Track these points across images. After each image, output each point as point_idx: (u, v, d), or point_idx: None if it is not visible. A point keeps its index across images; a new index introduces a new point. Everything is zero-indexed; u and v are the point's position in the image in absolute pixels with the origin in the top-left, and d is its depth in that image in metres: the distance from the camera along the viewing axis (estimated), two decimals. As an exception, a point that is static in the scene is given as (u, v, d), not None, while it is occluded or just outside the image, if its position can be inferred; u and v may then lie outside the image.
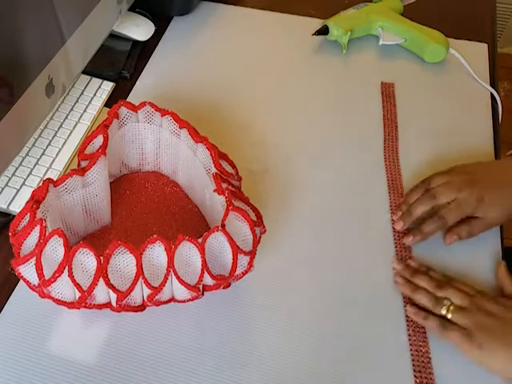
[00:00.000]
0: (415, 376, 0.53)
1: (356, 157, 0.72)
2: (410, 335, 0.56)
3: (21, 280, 0.51)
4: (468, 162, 0.66)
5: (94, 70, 0.77)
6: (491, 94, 0.81)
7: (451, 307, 0.55)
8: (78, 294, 0.49)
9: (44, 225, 0.49)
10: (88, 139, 0.58)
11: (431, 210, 0.62)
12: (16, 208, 0.62)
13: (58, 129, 0.71)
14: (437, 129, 0.76)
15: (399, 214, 0.64)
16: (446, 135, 0.75)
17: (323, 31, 0.85)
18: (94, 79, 0.77)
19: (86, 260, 0.49)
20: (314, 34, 0.85)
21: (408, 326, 0.57)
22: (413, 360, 0.54)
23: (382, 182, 0.69)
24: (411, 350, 0.55)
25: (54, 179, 0.55)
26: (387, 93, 0.80)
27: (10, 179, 0.64)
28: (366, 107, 0.78)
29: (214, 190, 0.55)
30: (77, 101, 0.74)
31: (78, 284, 0.48)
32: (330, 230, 0.64)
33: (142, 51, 0.84)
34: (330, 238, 0.64)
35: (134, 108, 0.62)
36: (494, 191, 0.62)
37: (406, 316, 0.57)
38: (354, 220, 0.65)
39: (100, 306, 0.52)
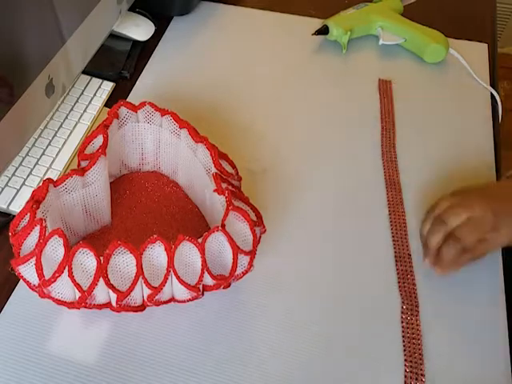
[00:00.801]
0: (405, 371, 0.54)
1: (355, 156, 0.72)
2: (403, 331, 0.56)
3: (21, 280, 0.51)
4: (467, 184, 0.62)
5: (93, 70, 0.77)
6: (491, 93, 0.81)
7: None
8: (78, 294, 0.49)
9: (44, 225, 0.49)
10: (88, 139, 0.58)
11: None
12: (16, 208, 0.62)
13: (58, 129, 0.71)
14: (436, 128, 0.76)
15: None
16: (446, 134, 0.75)
17: (323, 31, 0.85)
18: (94, 79, 0.77)
19: (86, 260, 0.49)
20: (314, 33, 0.85)
21: (402, 321, 0.57)
22: (405, 355, 0.55)
23: (381, 181, 0.69)
24: (404, 345, 0.55)
25: (54, 179, 0.55)
26: (385, 89, 0.80)
27: (10, 179, 0.64)
28: (365, 106, 0.78)
29: (214, 190, 0.55)
30: (77, 101, 0.74)
31: (78, 284, 0.48)
32: (330, 229, 0.64)
33: (142, 51, 0.84)
34: (330, 238, 0.64)
35: (134, 108, 0.62)
36: (508, 207, 0.58)
37: (402, 315, 0.57)
38: (354, 219, 0.65)
39: (100, 306, 0.52)
